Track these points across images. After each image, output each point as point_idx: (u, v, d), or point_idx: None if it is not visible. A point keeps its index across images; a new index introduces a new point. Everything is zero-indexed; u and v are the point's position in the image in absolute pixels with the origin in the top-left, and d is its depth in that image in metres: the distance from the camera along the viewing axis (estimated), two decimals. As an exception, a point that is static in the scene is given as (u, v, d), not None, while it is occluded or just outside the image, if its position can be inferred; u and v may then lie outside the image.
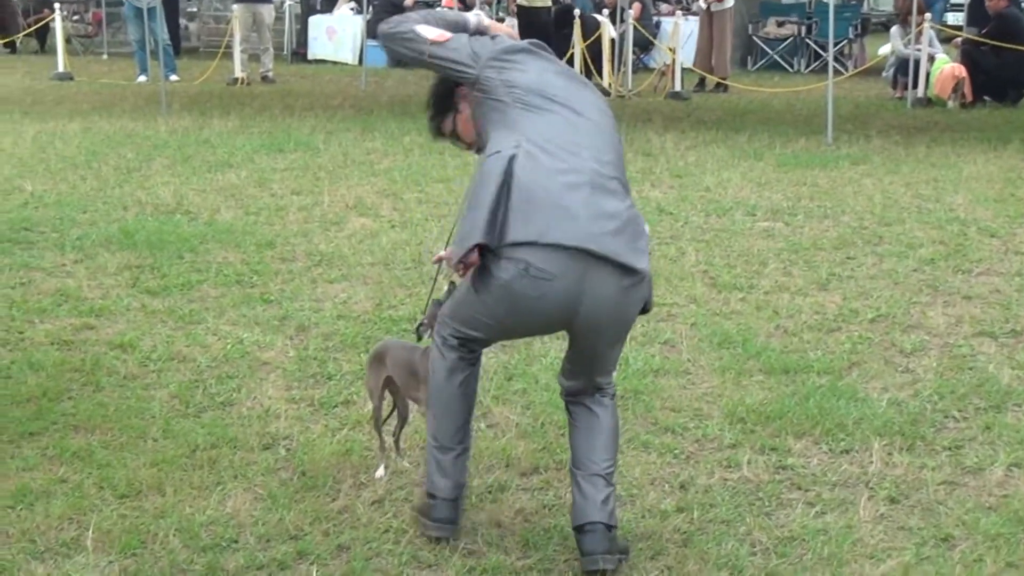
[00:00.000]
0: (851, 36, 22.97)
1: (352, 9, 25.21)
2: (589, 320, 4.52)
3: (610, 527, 4.60)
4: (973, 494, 5.35)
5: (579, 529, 4.61)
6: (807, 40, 23.41)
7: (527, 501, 5.21)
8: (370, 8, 24.31)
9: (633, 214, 4.55)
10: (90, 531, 4.98)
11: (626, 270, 4.45)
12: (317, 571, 4.70)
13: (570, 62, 19.83)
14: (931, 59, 18.68)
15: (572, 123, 4.65)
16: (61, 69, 22.06)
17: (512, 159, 4.47)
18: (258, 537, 4.96)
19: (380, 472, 5.45)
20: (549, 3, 21.49)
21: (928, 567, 4.69)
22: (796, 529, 5.01)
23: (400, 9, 24.51)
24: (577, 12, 20.23)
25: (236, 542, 4.92)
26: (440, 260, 5.05)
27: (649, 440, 5.90)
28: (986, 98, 18.60)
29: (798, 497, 5.34)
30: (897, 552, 4.81)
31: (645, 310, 4.69)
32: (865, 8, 24.20)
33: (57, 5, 24.05)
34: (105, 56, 25.70)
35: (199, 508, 5.20)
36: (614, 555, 4.58)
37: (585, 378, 4.76)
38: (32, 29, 25.49)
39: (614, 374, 4.88)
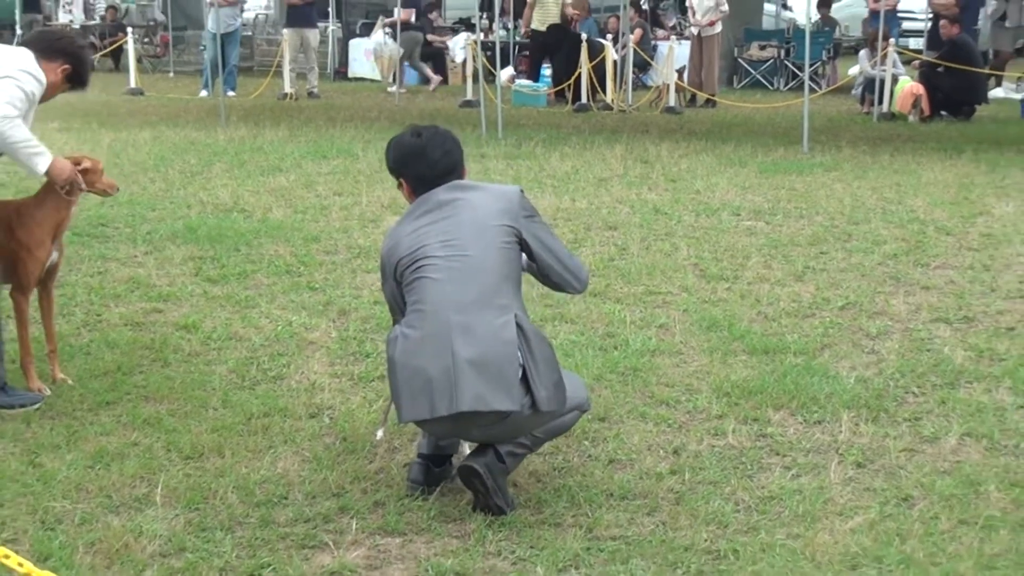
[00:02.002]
0: (824, 58, 22.94)
1: (387, 33, 25.20)
2: None
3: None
4: (930, 460, 5.36)
5: None
6: (786, 62, 23.40)
7: (539, 464, 5.22)
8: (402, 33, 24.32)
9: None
10: (159, 488, 5.00)
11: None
12: (356, 524, 4.72)
13: (577, 81, 19.87)
14: (894, 79, 18.72)
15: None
16: (133, 85, 22.11)
17: None
18: (305, 494, 4.99)
19: (379, 434, 5.43)
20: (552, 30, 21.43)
21: (890, 523, 4.70)
22: (775, 489, 5.03)
23: (428, 39, 24.55)
24: (584, 36, 20.19)
25: (286, 498, 4.95)
26: None
27: (646, 411, 5.91)
28: (942, 113, 18.60)
29: (776, 462, 5.35)
30: (863, 510, 4.82)
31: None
32: (837, 34, 24.11)
33: (130, 29, 24.12)
34: (171, 74, 25.73)
35: (253, 468, 5.23)
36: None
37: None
38: (108, 50, 25.54)
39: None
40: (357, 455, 5.40)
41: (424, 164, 4.99)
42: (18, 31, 27.21)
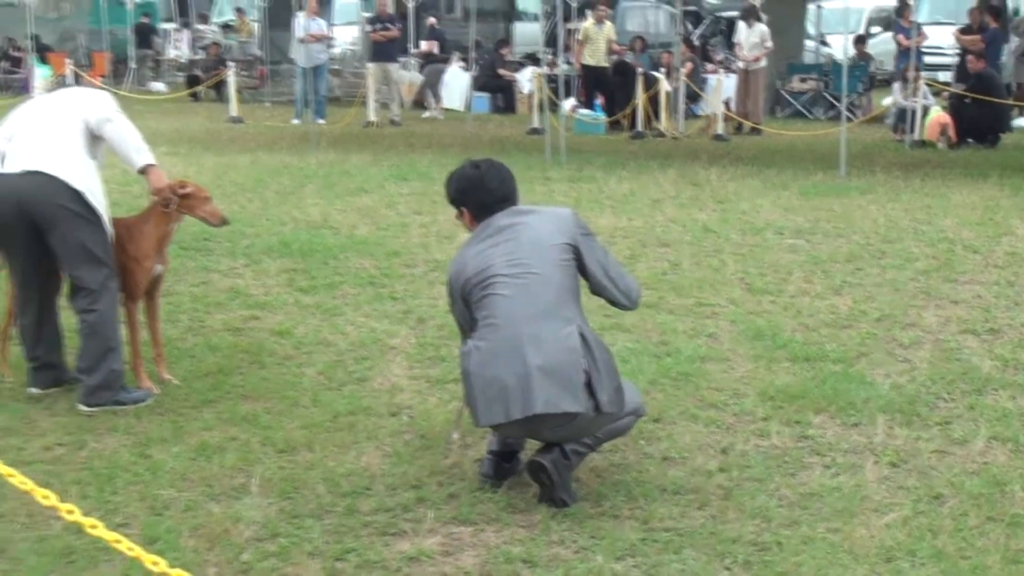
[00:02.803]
0: (860, 90, 22.74)
1: (461, 66, 25.27)
2: None
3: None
4: (959, 461, 5.29)
5: None
6: (824, 93, 23.21)
7: (599, 461, 5.19)
8: (476, 66, 24.39)
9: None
10: (255, 479, 5.03)
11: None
12: (433, 514, 4.72)
13: (633, 111, 19.83)
14: (925, 110, 18.55)
15: None
16: (233, 114, 22.28)
17: None
18: (386, 486, 4.99)
19: (455, 435, 5.46)
20: (606, 64, 21.42)
21: (923, 520, 4.65)
22: (815, 487, 4.98)
23: (498, 72, 24.62)
24: (640, 70, 20.15)
25: (369, 489, 4.96)
26: None
27: (696, 414, 5.88)
28: (969, 141, 18.37)
29: (817, 461, 5.30)
30: (897, 507, 4.77)
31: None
32: (871, 68, 23.90)
33: (231, 63, 24.34)
34: (268, 104, 25.93)
35: (340, 462, 5.24)
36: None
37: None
38: (211, 82, 25.80)
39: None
40: (433, 451, 5.40)
41: (483, 193, 5.05)
42: (132, 65, 27.57)
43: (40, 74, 26.11)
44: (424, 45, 22.30)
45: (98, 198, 5.93)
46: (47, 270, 6.13)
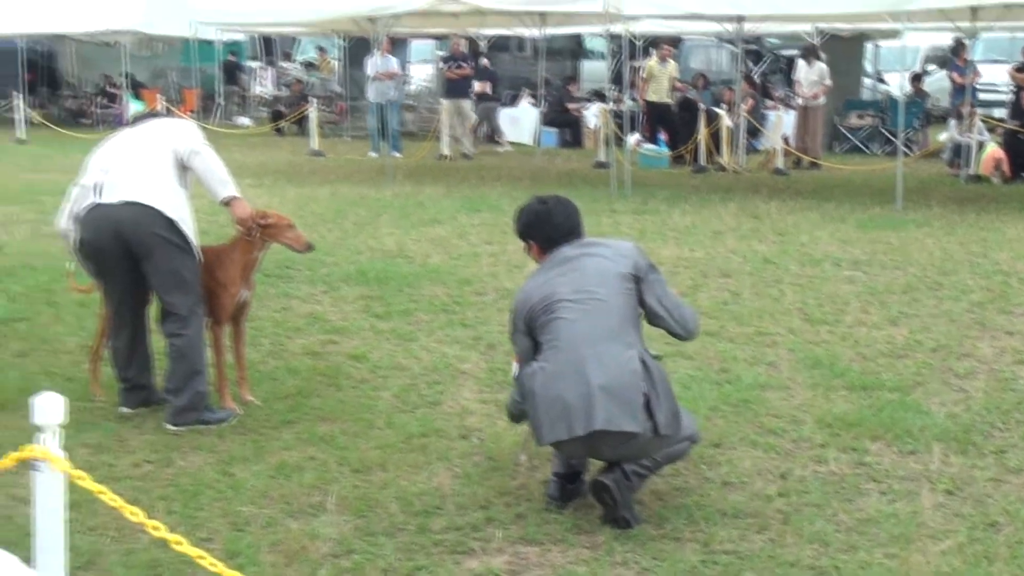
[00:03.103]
0: (916, 126, 22.48)
1: (530, 103, 25.35)
2: None
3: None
4: (1015, 489, 5.20)
5: None
6: (881, 129, 22.98)
7: (661, 485, 5.16)
8: (544, 102, 24.44)
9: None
10: (331, 497, 5.05)
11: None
12: (501, 533, 4.71)
13: (695, 146, 19.78)
14: (980, 145, 18.34)
15: None
16: (314, 147, 22.48)
17: None
18: (456, 505, 4.99)
19: (522, 458, 5.45)
20: (670, 100, 21.39)
21: (978, 547, 4.57)
22: (872, 513, 4.92)
23: (566, 108, 24.66)
24: (702, 107, 20.10)
25: (440, 509, 4.96)
26: None
27: (756, 440, 5.82)
28: (1023, 175, 18.12)
29: (873, 487, 5.23)
30: (953, 534, 4.70)
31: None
32: (927, 104, 23.66)
33: (313, 99, 24.59)
34: (347, 138, 26.12)
35: (412, 482, 5.25)
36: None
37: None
38: (294, 117, 26.06)
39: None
40: (502, 472, 5.39)
41: (550, 227, 5.12)
42: (219, 101, 27.92)
43: (134, 109, 26.48)
44: (477, 85, 22.50)
45: (189, 226, 6.02)
46: (140, 295, 6.22)
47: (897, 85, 23.52)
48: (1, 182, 16.96)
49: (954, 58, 21.03)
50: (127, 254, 5.98)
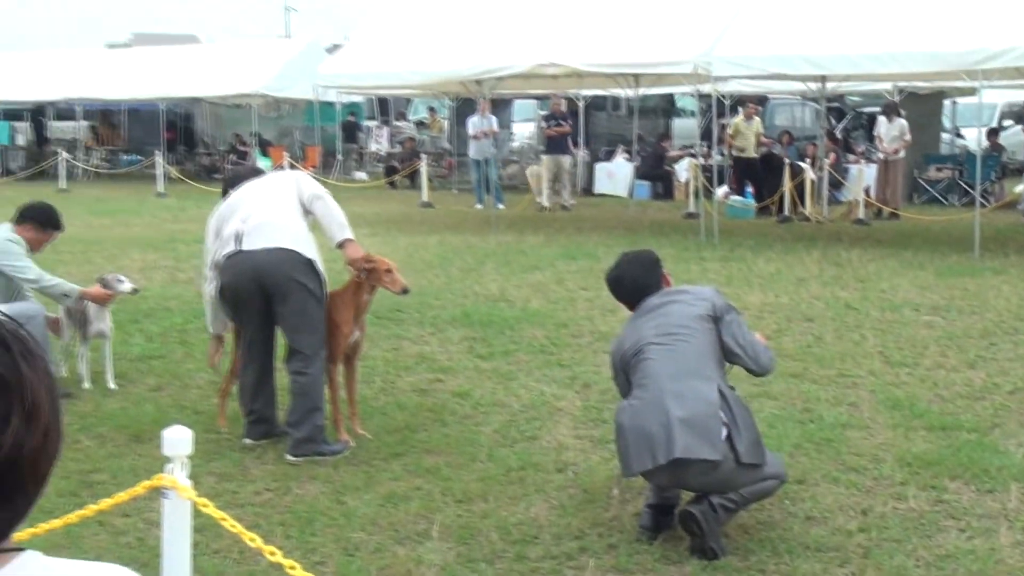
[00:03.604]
0: (993, 178, 22.04)
1: (625, 158, 25.33)
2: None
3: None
4: (1091, 528, 5.01)
5: None
6: (959, 182, 22.56)
7: (747, 519, 5.07)
8: (638, 157, 24.43)
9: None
10: (436, 525, 5.06)
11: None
12: (594, 562, 4.67)
13: (780, 197, 19.59)
14: (1056, 195, 17.93)
15: None
16: (424, 199, 22.69)
17: None
18: (552, 535, 4.96)
19: (615, 491, 5.40)
20: (756, 155, 21.20)
21: (1056, 584, 4.41)
22: (951, 549, 4.78)
23: (662, 161, 24.62)
24: (787, 161, 19.92)
25: (536, 538, 4.93)
26: None
27: (838, 477, 5.71)
28: (1098, 225, 17.67)
29: (952, 524, 5.09)
30: (1031, 570, 4.54)
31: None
32: (1004, 158, 23.20)
33: (424, 156, 24.86)
34: (455, 191, 26.32)
35: (511, 512, 5.23)
36: None
37: None
38: (406, 172, 26.36)
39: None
40: (595, 504, 5.35)
41: (624, 290, 5.34)
42: (339, 157, 28.35)
43: (261, 165, 27.09)
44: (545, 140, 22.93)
45: (321, 266, 6.15)
46: (269, 335, 6.35)
47: (974, 139, 23.10)
48: (142, 232, 17.39)
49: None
50: (264, 296, 6.11)
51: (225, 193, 6.65)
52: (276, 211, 6.20)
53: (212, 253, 6.33)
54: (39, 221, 7.49)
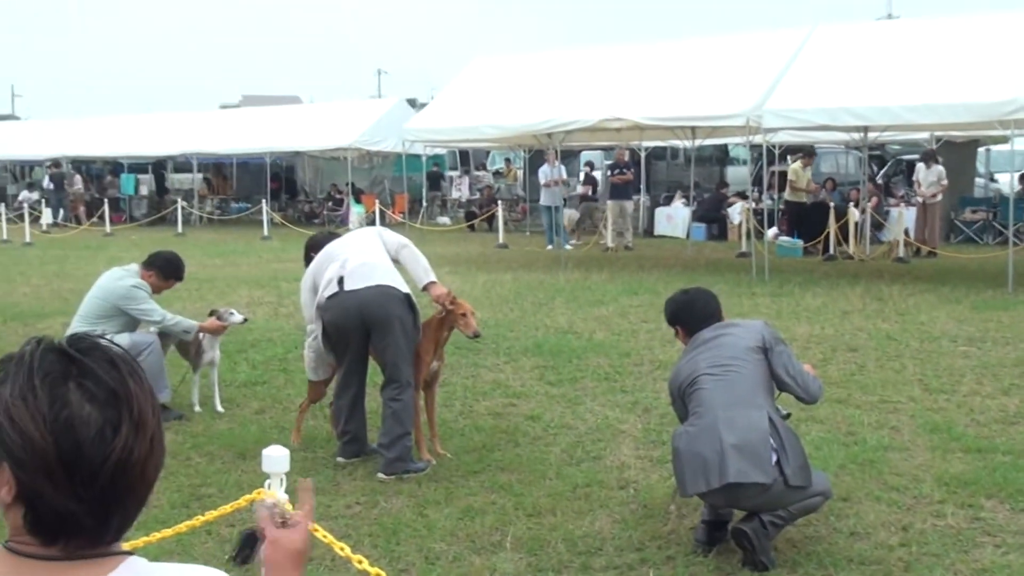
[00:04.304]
0: (1025, 219, 21.63)
1: (682, 202, 25.22)
2: None
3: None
4: (1121, 546, 4.84)
5: None
6: (993, 223, 22.14)
7: (795, 534, 4.98)
8: (695, 202, 24.30)
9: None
10: (509, 537, 5.03)
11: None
12: (653, 572, 4.62)
13: (826, 238, 19.36)
14: (1085, 235, 17.48)
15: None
16: (501, 241, 22.79)
17: None
18: (615, 547, 4.92)
19: (672, 507, 5.34)
20: (806, 199, 20.95)
21: (1087, 597, 4.27)
22: (987, 564, 4.65)
23: (720, 207, 24.45)
24: (832, 204, 19.69)
25: (600, 550, 4.89)
26: None
27: (880, 495, 5.59)
28: None
29: (988, 541, 4.95)
30: (1063, 585, 4.40)
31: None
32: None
33: (500, 201, 24.96)
34: (528, 233, 26.37)
35: (577, 526, 5.19)
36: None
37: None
38: (484, 216, 26.50)
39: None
40: (655, 519, 5.30)
41: (693, 313, 5.25)
42: (424, 203, 28.58)
43: (355, 211, 27.38)
44: (580, 188, 22.89)
45: (415, 301, 6.23)
46: (365, 365, 6.42)
47: (1007, 183, 22.64)
48: (249, 271, 17.65)
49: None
50: (365, 330, 6.18)
51: (308, 258, 6.73)
52: (371, 255, 6.30)
53: (311, 307, 6.41)
54: (164, 271, 7.62)
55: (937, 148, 21.33)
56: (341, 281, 6.19)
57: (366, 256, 6.29)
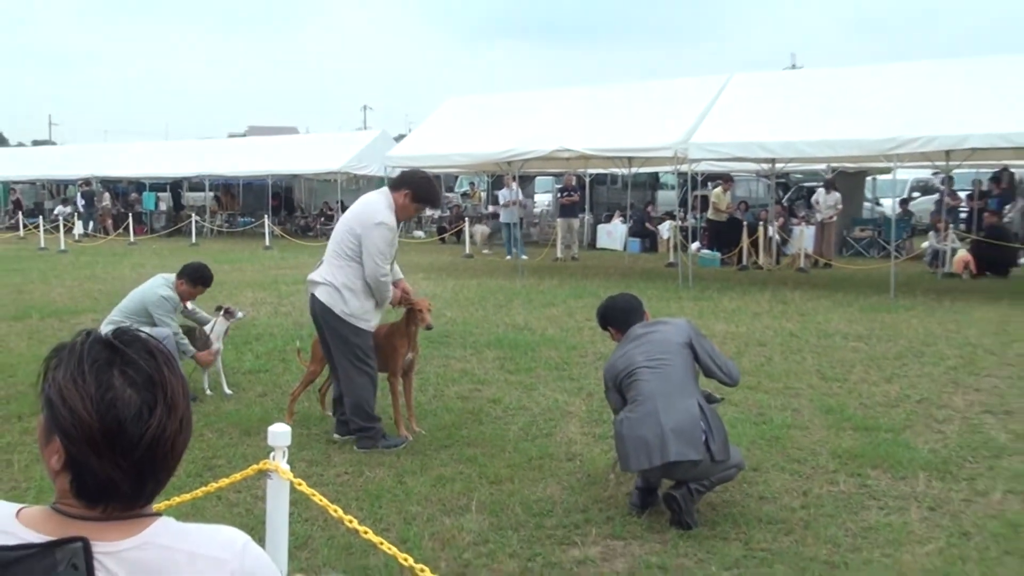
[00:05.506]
0: (904, 237, 21.89)
1: (620, 220, 25.31)
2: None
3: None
4: (982, 508, 4.94)
5: None
6: (878, 239, 22.44)
7: (714, 498, 5.01)
8: (630, 220, 24.38)
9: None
10: (474, 501, 5.03)
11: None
12: (595, 531, 4.63)
13: (740, 251, 19.52)
14: (953, 251, 17.75)
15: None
16: (467, 252, 22.77)
17: None
18: (563, 509, 4.93)
19: (611, 476, 5.36)
20: (725, 217, 21.12)
21: (954, 551, 4.35)
22: (872, 523, 4.72)
23: (644, 221, 24.54)
24: (745, 223, 19.88)
25: (551, 512, 4.90)
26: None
27: (784, 466, 5.65)
28: (987, 273, 17.45)
29: (873, 504, 5.02)
30: (934, 540, 4.48)
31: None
32: (912, 221, 23.02)
33: (467, 218, 24.91)
34: (488, 250, 26.40)
35: (532, 492, 5.20)
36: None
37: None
38: (453, 231, 26.42)
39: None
40: (597, 486, 5.31)
41: (619, 313, 5.28)
42: (402, 219, 28.48)
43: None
44: (490, 208, 23.07)
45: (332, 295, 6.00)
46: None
47: (889, 207, 22.96)
48: (254, 276, 17.50)
49: (944, 188, 20.52)
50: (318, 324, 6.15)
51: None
52: (331, 244, 6.11)
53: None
54: (192, 279, 7.56)
55: (833, 177, 21.59)
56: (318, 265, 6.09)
57: (330, 245, 6.08)
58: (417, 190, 5.99)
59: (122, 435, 1.41)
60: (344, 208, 29.01)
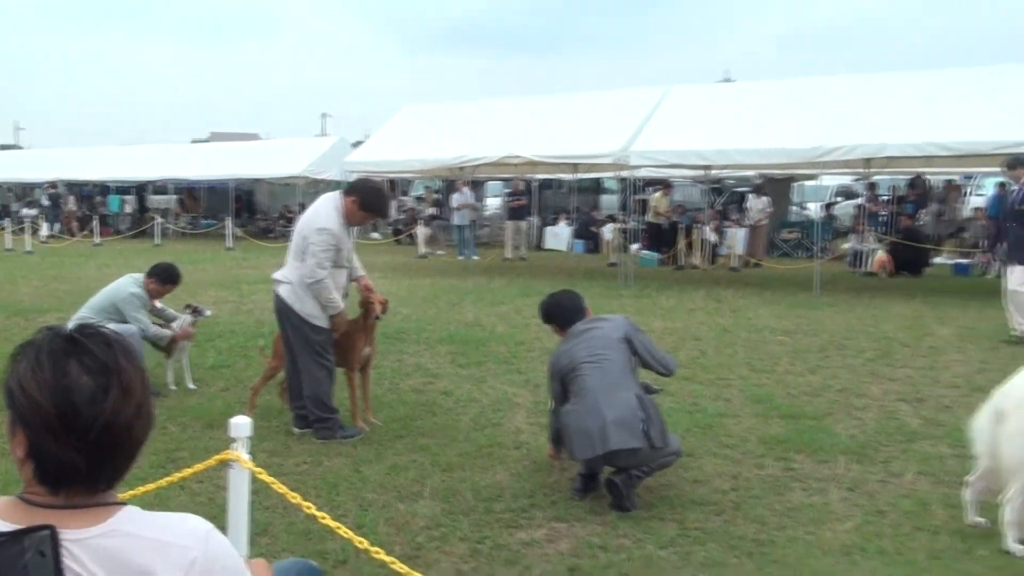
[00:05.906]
0: (828, 239, 22.28)
1: (566, 223, 25.44)
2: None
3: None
4: (896, 488, 5.07)
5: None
6: (804, 241, 22.83)
7: (652, 483, 5.06)
8: (575, 223, 24.50)
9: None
10: (427, 488, 5.04)
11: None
12: (541, 514, 4.67)
13: (676, 252, 19.73)
14: (872, 251, 18.14)
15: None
16: (421, 252, 22.71)
17: None
18: (511, 494, 4.95)
19: (556, 463, 5.38)
20: (664, 222, 21.34)
21: (870, 528, 4.46)
22: (796, 503, 4.82)
23: (590, 224, 24.64)
24: (682, 225, 20.09)
25: (500, 497, 4.92)
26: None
27: (716, 451, 5.74)
28: (903, 272, 17.87)
29: (798, 485, 5.13)
30: (852, 518, 4.59)
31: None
32: (835, 224, 23.46)
33: (421, 221, 24.82)
34: (441, 251, 26.35)
35: (482, 478, 5.22)
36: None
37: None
38: (406, 233, 26.31)
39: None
40: (542, 472, 5.35)
41: (561, 310, 5.28)
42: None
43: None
44: (429, 211, 23.38)
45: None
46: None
47: (815, 210, 23.36)
48: (216, 275, 17.27)
49: (866, 193, 20.93)
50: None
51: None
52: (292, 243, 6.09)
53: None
54: (162, 278, 7.49)
55: (763, 182, 21.92)
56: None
57: (290, 246, 6.06)
58: (363, 198, 5.98)
59: (77, 418, 1.41)
60: (303, 211, 28.84)
